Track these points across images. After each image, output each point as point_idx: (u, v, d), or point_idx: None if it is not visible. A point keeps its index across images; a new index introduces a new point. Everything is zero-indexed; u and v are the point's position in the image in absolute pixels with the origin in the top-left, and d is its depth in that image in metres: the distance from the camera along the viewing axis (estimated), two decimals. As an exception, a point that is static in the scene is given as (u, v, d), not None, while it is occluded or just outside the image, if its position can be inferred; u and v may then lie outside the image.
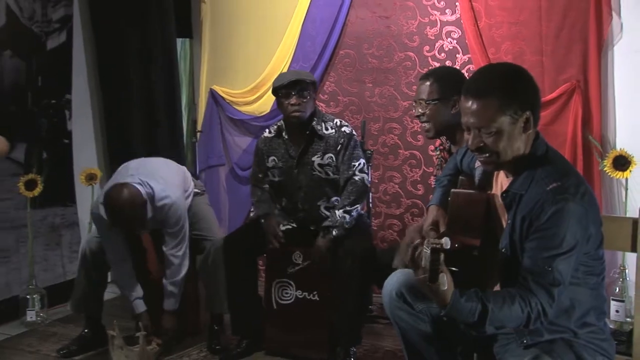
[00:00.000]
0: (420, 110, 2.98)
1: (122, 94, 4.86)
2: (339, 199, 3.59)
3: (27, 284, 4.24)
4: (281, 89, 3.53)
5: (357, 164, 3.55)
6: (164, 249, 3.61)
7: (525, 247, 2.07)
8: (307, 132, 3.56)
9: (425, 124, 2.99)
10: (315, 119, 3.58)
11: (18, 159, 4.31)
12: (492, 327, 2.00)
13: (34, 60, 4.39)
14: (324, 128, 3.58)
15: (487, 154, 2.13)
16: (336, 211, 3.49)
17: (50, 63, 4.50)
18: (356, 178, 3.53)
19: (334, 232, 3.46)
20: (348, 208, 3.48)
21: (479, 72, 2.32)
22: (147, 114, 4.91)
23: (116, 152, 4.82)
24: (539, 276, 2.01)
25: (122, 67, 4.84)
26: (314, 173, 3.59)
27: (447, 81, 2.96)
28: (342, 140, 3.54)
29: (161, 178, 3.59)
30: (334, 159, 3.56)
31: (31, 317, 4.16)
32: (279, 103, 3.60)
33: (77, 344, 3.74)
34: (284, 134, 3.65)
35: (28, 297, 4.19)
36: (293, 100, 3.50)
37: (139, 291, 3.67)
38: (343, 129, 3.57)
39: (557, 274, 2.00)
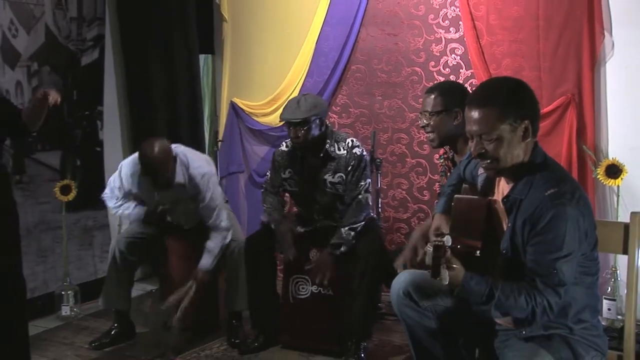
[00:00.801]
0: (425, 121, 3.01)
1: (147, 107, 4.91)
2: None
3: (62, 281, 4.28)
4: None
5: (363, 183, 3.54)
6: (209, 223, 3.66)
7: (527, 250, 2.09)
8: (321, 155, 3.56)
9: (430, 134, 3.01)
10: (329, 140, 3.56)
11: (54, 165, 4.36)
12: (498, 312, 2.06)
13: (69, 75, 4.44)
14: (336, 149, 3.56)
15: (489, 160, 2.16)
16: (342, 229, 3.48)
17: (84, 78, 4.55)
18: (361, 197, 3.52)
19: (342, 249, 3.47)
20: (353, 226, 3.48)
21: (482, 85, 2.36)
22: (170, 125, 4.94)
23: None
24: (545, 278, 2.03)
25: (148, 82, 4.89)
26: (327, 189, 3.59)
27: (450, 94, 2.98)
28: (353, 162, 3.52)
29: (195, 155, 3.72)
30: (344, 177, 3.55)
31: (66, 312, 4.21)
32: None
33: (107, 337, 3.78)
34: (298, 152, 3.65)
35: (63, 293, 4.24)
36: (292, 134, 3.51)
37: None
38: (354, 150, 3.55)
39: (562, 275, 2.02)
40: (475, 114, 2.14)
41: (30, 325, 3.31)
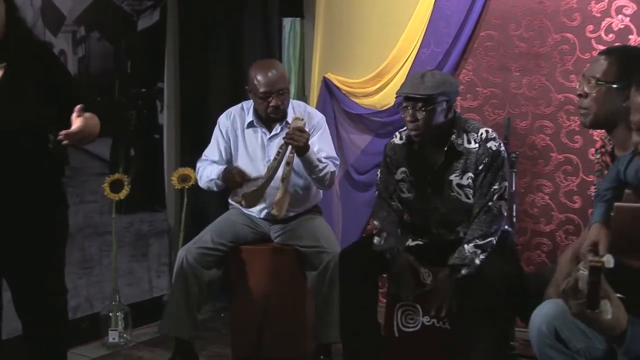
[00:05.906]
0: (586, 89, 2.89)
1: (207, 83, 4.99)
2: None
3: (109, 300, 4.40)
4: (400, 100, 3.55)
5: (497, 187, 3.46)
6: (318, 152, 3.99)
7: None
8: (445, 148, 3.52)
9: (585, 108, 2.92)
10: (455, 130, 3.52)
11: (103, 156, 4.47)
12: None
13: (123, 42, 4.55)
14: (465, 141, 3.51)
15: None
16: (465, 245, 3.42)
17: (141, 47, 4.66)
18: (492, 205, 3.46)
19: (462, 272, 3.41)
20: (479, 242, 3.41)
21: None
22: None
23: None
24: None
25: (208, 54, 4.99)
26: (452, 194, 3.55)
27: (631, 66, 2.87)
28: (486, 159, 3.46)
29: None
30: (474, 179, 3.52)
31: (113, 338, 4.32)
32: None
33: (165, 372, 3.90)
34: (415, 145, 3.63)
35: (110, 314, 4.34)
36: (408, 117, 3.47)
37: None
38: (489, 144, 3.48)
39: None
40: None
41: (70, 354, 3.44)
